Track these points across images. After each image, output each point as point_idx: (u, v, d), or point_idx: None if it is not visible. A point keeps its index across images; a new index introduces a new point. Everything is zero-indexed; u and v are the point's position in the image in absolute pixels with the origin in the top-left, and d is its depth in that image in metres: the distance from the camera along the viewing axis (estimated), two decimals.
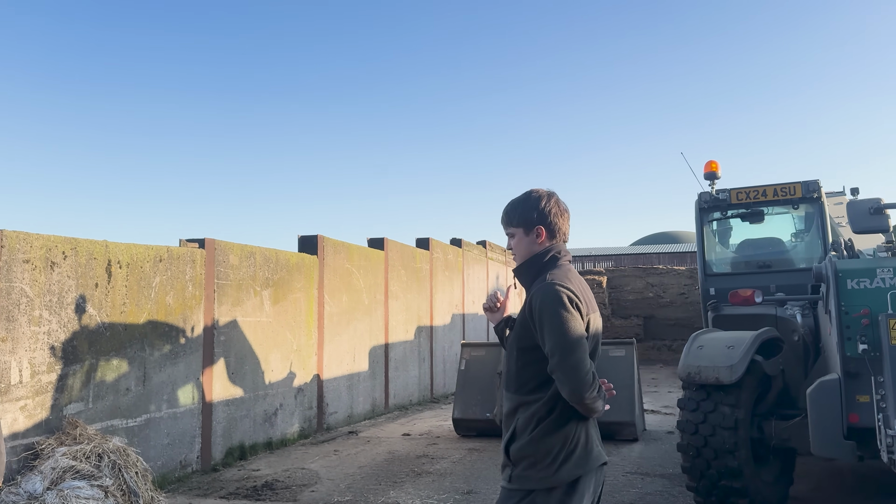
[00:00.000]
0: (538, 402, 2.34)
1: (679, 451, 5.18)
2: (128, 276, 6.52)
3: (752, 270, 6.34)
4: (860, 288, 4.44)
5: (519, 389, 2.39)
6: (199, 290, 7.50)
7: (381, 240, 12.14)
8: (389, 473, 7.16)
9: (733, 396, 4.95)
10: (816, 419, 4.53)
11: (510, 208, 2.57)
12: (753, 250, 6.57)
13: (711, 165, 6.54)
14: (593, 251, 41.14)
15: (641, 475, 6.76)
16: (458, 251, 15.92)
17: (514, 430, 2.37)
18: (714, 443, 4.92)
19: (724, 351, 5.02)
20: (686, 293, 23.30)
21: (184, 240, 7.56)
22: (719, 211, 6.60)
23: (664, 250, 40.04)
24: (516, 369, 2.41)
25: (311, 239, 10.03)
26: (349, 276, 10.81)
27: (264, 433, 8.52)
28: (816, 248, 6.18)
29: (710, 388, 5.03)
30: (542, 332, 2.31)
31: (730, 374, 4.87)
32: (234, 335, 8.06)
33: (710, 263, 6.58)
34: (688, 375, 5.09)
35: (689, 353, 5.20)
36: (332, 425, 10.08)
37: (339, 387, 10.37)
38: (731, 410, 4.93)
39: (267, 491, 6.52)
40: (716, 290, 6.26)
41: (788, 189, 6.18)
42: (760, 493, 4.99)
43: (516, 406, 2.40)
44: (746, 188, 6.37)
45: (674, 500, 5.86)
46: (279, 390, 8.88)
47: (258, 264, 8.55)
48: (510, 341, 2.48)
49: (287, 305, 9.10)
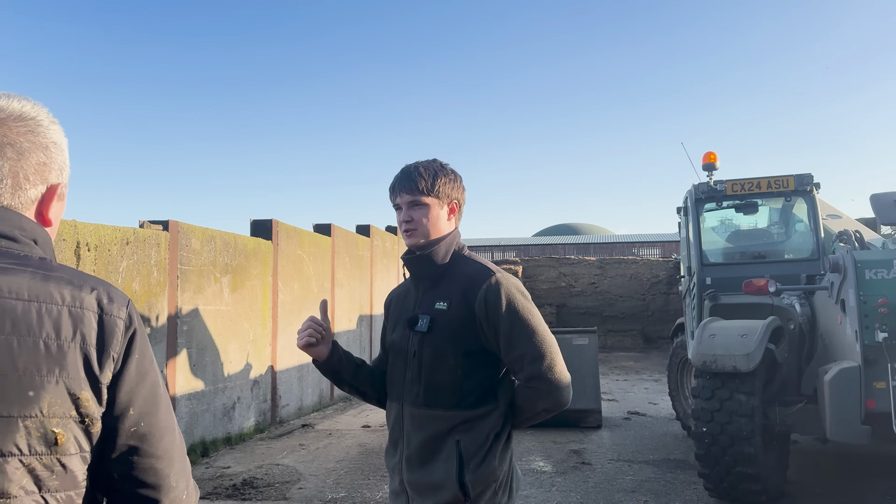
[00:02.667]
0: (488, 415, 1.97)
1: (693, 439, 5.28)
2: (96, 259, 5.90)
3: (746, 261, 6.57)
4: (878, 278, 4.67)
5: (459, 403, 1.97)
6: (164, 275, 6.92)
7: (328, 226, 11.73)
8: (372, 467, 6.91)
9: (749, 384, 5.09)
10: (835, 405, 4.73)
11: (427, 172, 2.08)
12: (747, 241, 6.81)
13: (710, 156, 6.71)
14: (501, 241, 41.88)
15: (627, 462, 6.88)
16: (395, 238, 15.68)
17: (460, 455, 1.93)
18: (730, 430, 5.04)
19: (738, 339, 5.15)
20: (596, 283, 24.13)
21: (146, 221, 6.94)
22: (714, 202, 6.78)
23: (570, 241, 41.35)
24: (454, 379, 1.97)
25: (265, 224, 9.52)
26: (301, 263, 10.37)
27: (223, 428, 8.02)
28: (808, 239, 6.49)
29: (725, 376, 5.15)
30: (505, 333, 1.95)
31: (747, 363, 5.00)
32: (196, 324, 7.51)
33: (707, 253, 6.76)
34: (703, 364, 5.19)
35: (701, 341, 5.30)
36: (284, 418, 9.65)
37: (290, 378, 9.94)
38: (747, 398, 5.07)
39: (249, 489, 6.12)
40: (712, 280, 6.44)
41: (782, 181, 6.44)
42: (769, 477, 5.18)
43: (453, 425, 1.96)
44: (741, 180, 6.58)
45: (671, 486, 5.99)
46: (237, 383, 8.38)
47: (218, 249, 8.01)
48: (432, 346, 2.00)
49: (245, 293, 8.60)
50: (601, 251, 37.65)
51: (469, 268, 2.07)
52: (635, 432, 8.43)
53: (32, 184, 1.13)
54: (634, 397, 11.50)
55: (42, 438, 0.99)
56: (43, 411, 0.99)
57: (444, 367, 1.99)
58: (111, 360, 1.06)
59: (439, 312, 2.02)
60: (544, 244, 40.57)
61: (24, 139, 1.12)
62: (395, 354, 2.13)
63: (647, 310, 22.13)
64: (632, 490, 5.90)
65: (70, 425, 1.02)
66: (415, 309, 2.10)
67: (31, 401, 0.99)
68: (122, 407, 1.07)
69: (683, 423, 8.11)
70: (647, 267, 22.69)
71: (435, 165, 2.12)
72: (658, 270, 22.47)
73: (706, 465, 5.22)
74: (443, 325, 2.01)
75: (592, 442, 7.88)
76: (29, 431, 0.98)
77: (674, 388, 8.39)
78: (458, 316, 1.99)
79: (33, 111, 1.15)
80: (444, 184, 2.09)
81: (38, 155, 1.13)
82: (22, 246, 1.09)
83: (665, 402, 10.33)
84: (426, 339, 2.02)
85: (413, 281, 2.17)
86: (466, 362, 1.98)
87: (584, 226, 55.16)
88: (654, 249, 37.63)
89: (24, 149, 1.11)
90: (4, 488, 0.97)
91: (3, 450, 0.97)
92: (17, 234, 1.09)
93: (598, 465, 6.78)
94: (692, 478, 6.12)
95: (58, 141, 1.17)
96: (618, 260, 23.60)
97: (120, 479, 1.09)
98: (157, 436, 1.11)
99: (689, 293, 7.36)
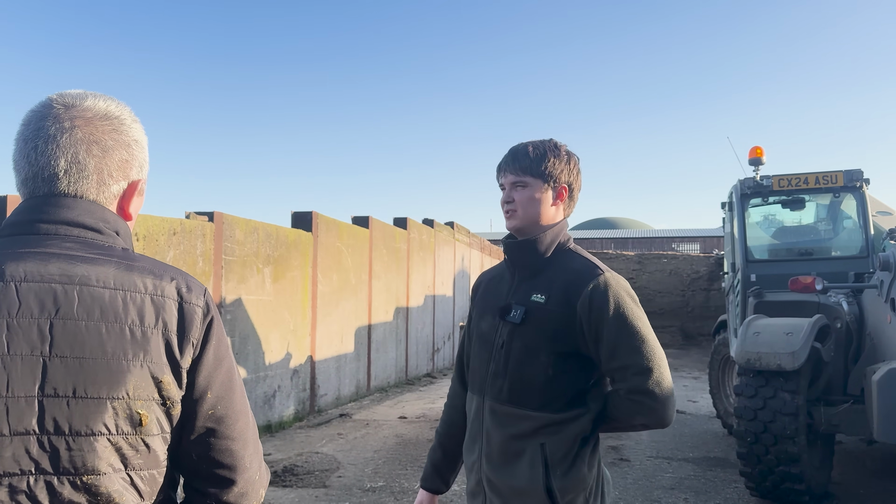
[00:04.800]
0: (577, 420, 1.83)
1: (735, 437, 5.22)
2: (144, 248, 6.06)
3: (792, 258, 6.45)
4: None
5: (547, 405, 1.82)
6: (209, 265, 7.08)
7: (366, 218, 11.82)
8: (409, 458, 6.98)
9: (793, 383, 5.01)
10: (883, 406, 4.61)
11: (534, 151, 1.92)
12: (793, 237, 6.68)
13: (756, 151, 6.58)
14: None
15: (666, 460, 6.82)
16: (431, 231, 15.72)
17: (546, 460, 1.80)
18: (774, 429, 4.96)
19: (783, 338, 5.06)
20: (634, 278, 23.86)
21: (192, 212, 7.10)
22: (760, 197, 6.66)
23: (608, 235, 40.95)
24: (545, 379, 1.82)
25: (306, 215, 9.64)
26: (339, 255, 10.48)
27: (264, 416, 8.18)
28: (857, 236, 6.34)
29: (769, 374, 5.07)
30: (610, 342, 1.78)
31: (792, 361, 4.92)
32: (239, 314, 7.67)
33: (752, 250, 6.65)
34: (747, 362, 5.11)
35: (745, 339, 5.22)
36: (322, 407, 9.79)
37: (328, 368, 10.08)
38: (791, 397, 4.98)
39: (290, 476, 6.24)
40: (757, 277, 6.33)
41: (830, 177, 6.29)
42: (813, 477, 5.09)
43: (538, 427, 1.82)
44: (788, 175, 6.45)
45: (711, 484, 5.93)
46: (277, 371, 8.53)
47: (261, 240, 8.15)
48: (524, 340, 1.86)
49: (285, 284, 8.74)
50: (639, 246, 37.24)
51: (575, 263, 1.89)
52: (674, 430, 8.34)
53: (115, 180, 1.19)
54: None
55: (128, 419, 1.05)
56: (129, 393, 1.04)
57: (535, 365, 1.84)
58: (191, 345, 1.11)
59: (535, 305, 1.86)
60: (581, 238, 40.25)
61: (109, 137, 1.17)
62: (480, 343, 1.98)
63: (686, 306, 21.83)
64: (671, 487, 5.85)
65: (153, 407, 1.07)
66: (508, 297, 1.94)
67: (118, 383, 1.04)
68: (201, 390, 1.12)
69: (724, 422, 8.01)
70: (688, 262, 22.37)
71: (547, 145, 1.94)
72: (698, 266, 22.14)
73: (748, 464, 5.15)
74: (538, 320, 1.85)
75: (630, 438, 7.82)
76: (116, 412, 1.04)
77: (715, 386, 8.28)
78: (557, 313, 1.83)
79: (117, 110, 1.21)
80: (554, 165, 1.90)
81: (121, 152, 1.19)
82: (106, 237, 1.15)
83: (705, 400, 10.20)
84: (517, 332, 1.87)
85: (509, 267, 2.00)
86: (559, 363, 1.83)
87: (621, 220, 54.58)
88: (695, 244, 37.07)
89: (109, 147, 1.17)
90: (95, 465, 1.02)
91: (94, 429, 1.03)
92: (102, 226, 1.15)
93: (636, 461, 6.74)
94: (733, 476, 6.05)
95: (139, 139, 1.23)
96: (657, 255, 23.30)
97: (198, 460, 1.14)
98: (233, 418, 1.16)
99: (732, 290, 7.25)
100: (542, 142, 1.96)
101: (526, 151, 1.93)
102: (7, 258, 1.06)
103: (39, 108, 1.17)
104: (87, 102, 1.18)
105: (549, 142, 1.97)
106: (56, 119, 1.14)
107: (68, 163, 1.13)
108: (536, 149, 1.93)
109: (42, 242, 1.09)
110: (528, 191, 1.91)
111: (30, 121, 1.16)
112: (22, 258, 1.06)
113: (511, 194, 1.93)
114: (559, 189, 1.93)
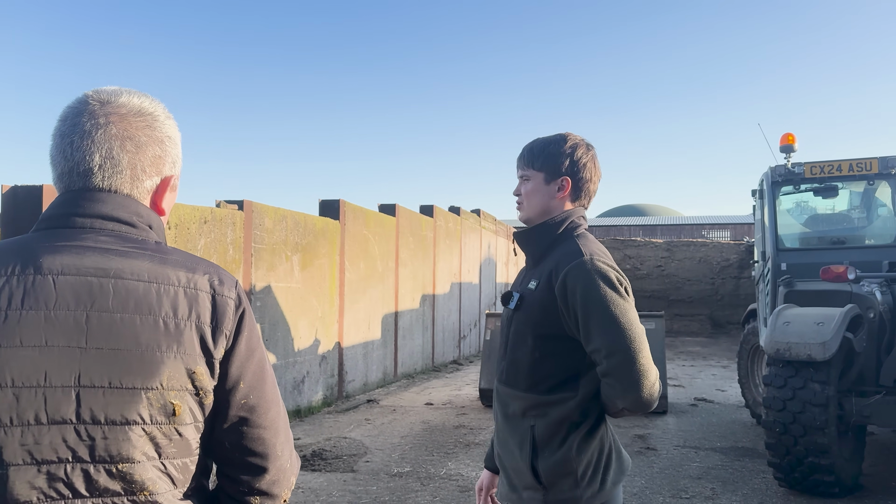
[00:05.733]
0: (563, 403, 1.85)
1: (764, 428, 5.17)
2: (176, 237, 6.17)
3: (824, 246, 6.35)
4: None
5: (533, 387, 1.89)
6: (239, 253, 7.18)
7: (393, 206, 11.87)
8: (436, 444, 7.04)
9: (824, 373, 4.95)
10: None
11: (536, 146, 2.01)
12: (825, 226, 6.57)
13: (788, 138, 6.46)
14: None
15: (693, 449, 6.79)
16: (457, 219, 15.73)
17: (534, 441, 1.87)
18: (803, 419, 4.91)
19: (814, 327, 4.99)
20: (663, 266, 23.62)
21: (222, 201, 7.20)
22: (792, 185, 6.56)
23: (636, 223, 40.53)
24: (530, 361, 1.89)
25: (333, 203, 9.71)
26: (366, 243, 10.55)
27: (293, 401, 8.30)
28: (892, 224, 6.21)
29: (799, 364, 5.02)
30: (583, 322, 1.80)
31: (823, 351, 4.86)
32: (269, 301, 7.77)
33: (783, 238, 6.56)
34: (776, 352, 5.06)
35: (775, 328, 5.16)
36: (350, 393, 9.91)
37: (356, 354, 10.18)
38: (821, 387, 4.93)
39: (319, 461, 6.34)
40: (787, 265, 6.24)
41: (865, 164, 6.16)
42: (843, 469, 5.04)
43: (526, 408, 1.90)
44: (821, 162, 6.34)
45: (739, 474, 5.90)
46: (306, 358, 8.65)
47: (289, 228, 8.23)
48: (517, 325, 1.95)
49: (313, 271, 8.83)
50: (668, 233, 36.83)
51: (567, 248, 1.91)
52: (702, 419, 8.30)
53: (148, 175, 1.21)
54: (701, 383, 11.29)
55: (162, 409, 1.07)
56: (163, 384, 1.07)
57: (523, 348, 1.92)
58: (224, 337, 1.13)
59: (528, 291, 1.94)
60: (609, 225, 39.90)
61: (143, 133, 1.20)
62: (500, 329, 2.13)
63: (716, 294, 21.58)
64: (698, 476, 5.83)
65: (186, 397, 1.10)
66: (518, 285, 2.06)
67: (152, 374, 1.07)
68: (233, 381, 1.14)
69: (753, 411, 7.94)
70: (717, 250, 22.07)
71: (553, 139, 2.01)
72: (729, 254, 21.84)
73: (776, 455, 5.11)
74: (528, 305, 1.93)
75: (657, 427, 7.80)
76: (150, 402, 1.06)
77: (744, 376, 8.21)
78: (541, 297, 1.89)
79: (151, 107, 1.23)
80: (553, 158, 1.97)
81: (154, 148, 1.21)
82: (139, 231, 1.18)
83: (733, 390, 10.11)
84: (514, 317, 1.97)
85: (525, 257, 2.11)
86: (543, 345, 1.88)
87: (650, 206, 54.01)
88: (725, 232, 36.56)
89: (142, 143, 1.19)
90: (129, 454, 1.05)
91: (129, 418, 1.05)
92: (135, 220, 1.17)
93: (663, 450, 6.73)
94: (761, 466, 6.01)
95: (172, 135, 1.25)
96: (686, 242, 23.02)
97: (230, 448, 1.17)
98: (265, 408, 1.18)
99: (762, 279, 7.16)
100: (551, 136, 2.03)
101: (531, 146, 2.02)
102: (44, 251, 1.09)
103: (76, 105, 1.19)
104: (122, 99, 1.20)
105: (556, 135, 2.03)
106: (91, 115, 1.17)
107: (103, 158, 1.16)
108: (546, 143, 2.00)
109: (78, 236, 1.12)
110: (530, 183, 2.00)
111: (66, 117, 1.18)
112: (58, 251, 1.09)
113: (519, 187, 2.04)
114: (562, 180, 1.98)
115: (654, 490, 5.47)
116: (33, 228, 1.17)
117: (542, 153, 1.98)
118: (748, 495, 5.33)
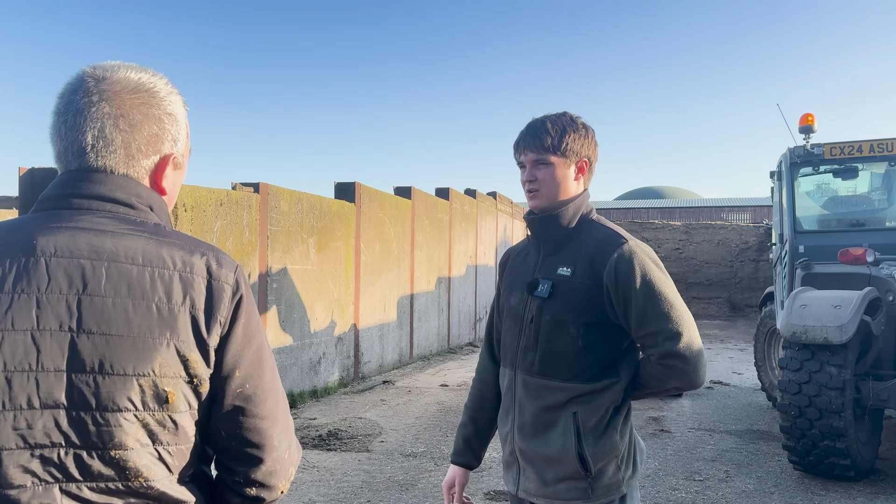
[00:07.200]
0: (608, 389, 1.85)
1: (779, 411, 5.15)
2: (192, 219, 6.23)
3: (843, 228, 6.27)
4: None
5: (578, 376, 1.85)
6: (255, 235, 7.23)
7: (409, 189, 11.86)
8: (450, 425, 7.08)
9: (840, 357, 4.90)
10: None
11: (554, 128, 1.90)
12: (845, 207, 6.48)
13: (807, 118, 6.36)
14: None
15: (708, 431, 6.78)
16: (473, 202, 15.69)
17: (578, 428, 1.84)
18: (819, 403, 4.88)
19: (831, 310, 4.94)
20: (681, 248, 23.44)
21: (238, 183, 7.25)
22: (811, 166, 6.46)
23: (654, 205, 40.22)
24: (574, 351, 1.85)
25: (349, 186, 9.73)
26: (382, 226, 10.58)
27: (310, 381, 8.39)
28: None
29: (815, 347, 4.98)
30: (639, 309, 1.80)
31: (840, 335, 4.81)
32: (285, 283, 7.83)
33: (801, 220, 6.48)
34: (792, 335, 5.02)
35: (791, 311, 5.12)
36: (366, 374, 9.99)
37: (372, 336, 10.25)
38: (837, 371, 4.89)
39: (334, 440, 6.41)
40: (805, 248, 6.17)
41: (886, 145, 6.06)
42: (859, 453, 5.01)
43: (570, 397, 1.85)
44: (841, 143, 6.23)
45: (754, 457, 5.88)
46: (322, 339, 8.72)
47: (305, 211, 8.27)
48: (554, 313, 1.88)
49: (329, 254, 8.88)
50: (687, 216, 36.51)
51: (599, 233, 1.90)
52: (718, 402, 8.27)
53: (145, 154, 1.17)
54: (718, 366, 11.24)
55: (155, 396, 1.05)
56: (155, 371, 1.04)
57: (565, 337, 1.86)
58: (218, 324, 1.10)
59: (562, 278, 1.88)
60: (626, 208, 39.65)
61: (138, 111, 1.15)
62: (510, 319, 2.01)
63: (734, 277, 21.40)
64: (712, 459, 5.83)
65: (180, 385, 1.07)
66: (535, 272, 1.96)
67: (144, 361, 1.04)
68: (229, 369, 1.11)
69: (769, 395, 7.90)
70: (736, 232, 21.86)
71: (564, 120, 1.93)
72: (748, 236, 21.63)
73: (791, 438, 5.09)
74: (565, 293, 1.87)
75: (672, 410, 7.79)
76: (143, 389, 1.04)
77: (760, 359, 8.16)
78: (584, 284, 1.85)
79: (150, 82, 1.18)
80: (574, 140, 1.91)
81: (150, 126, 1.16)
82: (138, 212, 1.14)
83: (750, 373, 10.05)
84: (546, 306, 1.89)
85: (534, 242, 2.01)
86: (589, 334, 1.85)
87: (669, 189, 53.54)
88: (744, 214, 36.19)
89: (137, 121, 1.15)
90: (122, 440, 1.03)
91: (120, 405, 1.03)
92: (134, 200, 1.14)
93: (677, 432, 6.72)
94: (776, 449, 5.99)
95: (173, 112, 1.20)
96: (705, 225, 22.81)
97: (227, 437, 1.14)
98: (262, 397, 1.14)
99: (780, 261, 7.09)
100: (558, 116, 1.95)
101: (545, 128, 1.91)
102: (40, 232, 1.07)
103: (73, 81, 1.15)
104: (119, 74, 1.16)
105: (564, 116, 1.96)
106: (86, 92, 1.13)
107: (95, 137, 1.12)
108: (555, 125, 1.91)
109: (74, 217, 1.10)
110: (551, 169, 1.91)
111: (63, 94, 1.15)
112: (53, 233, 1.07)
113: (533, 173, 1.93)
114: (580, 163, 1.94)
115: (668, 472, 5.47)
116: (32, 209, 1.15)
117: (563, 137, 1.90)
118: (762, 478, 5.32)
